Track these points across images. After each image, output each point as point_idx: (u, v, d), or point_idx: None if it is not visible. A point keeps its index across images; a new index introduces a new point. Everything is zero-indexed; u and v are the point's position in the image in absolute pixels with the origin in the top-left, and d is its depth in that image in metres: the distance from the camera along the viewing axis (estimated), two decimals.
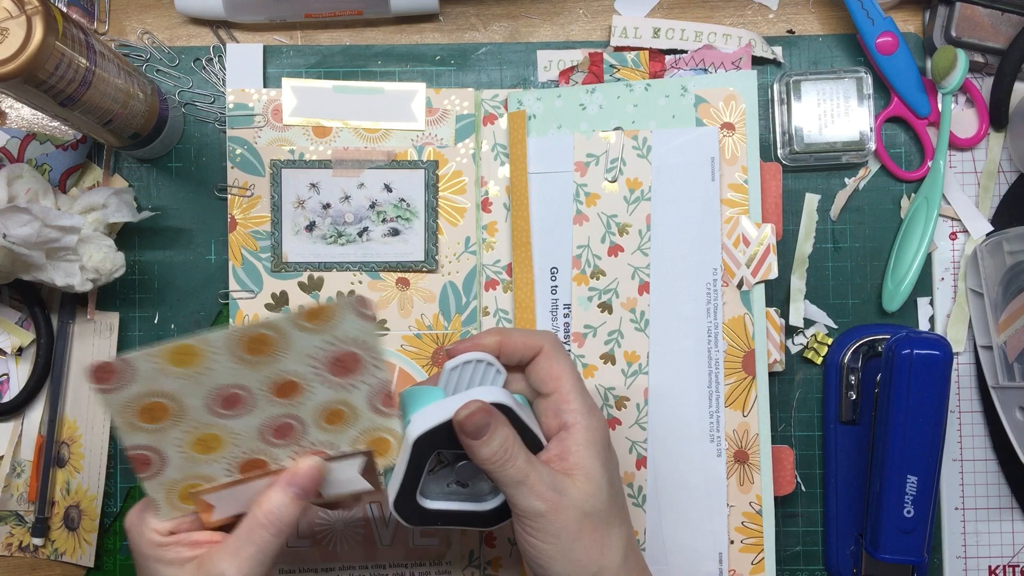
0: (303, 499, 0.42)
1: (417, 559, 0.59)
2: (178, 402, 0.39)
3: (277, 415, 0.41)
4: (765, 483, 0.57)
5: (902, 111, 0.61)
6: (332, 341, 0.38)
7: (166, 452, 0.41)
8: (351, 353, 0.39)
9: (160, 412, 0.39)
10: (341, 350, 0.39)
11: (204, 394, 0.39)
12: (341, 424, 0.42)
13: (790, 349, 0.61)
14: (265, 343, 0.38)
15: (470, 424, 0.41)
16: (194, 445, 0.41)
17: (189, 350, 0.38)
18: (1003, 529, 0.61)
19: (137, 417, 0.39)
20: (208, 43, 0.62)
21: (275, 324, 0.38)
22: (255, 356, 0.38)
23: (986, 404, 0.61)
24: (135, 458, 0.41)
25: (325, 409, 0.41)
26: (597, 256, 0.59)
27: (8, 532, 0.60)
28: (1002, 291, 0.58)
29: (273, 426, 0.41)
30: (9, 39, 0.43)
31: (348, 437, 0.43)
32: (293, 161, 0.59)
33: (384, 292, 0.59)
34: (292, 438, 0.42)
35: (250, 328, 0.38)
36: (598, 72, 0.61)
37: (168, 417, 0.40)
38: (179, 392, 0.39)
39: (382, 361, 0.40)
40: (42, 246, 0.53)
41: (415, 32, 0.63)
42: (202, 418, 0.40)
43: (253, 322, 0.38)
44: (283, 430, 0.42)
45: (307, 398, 0.41)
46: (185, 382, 0.39)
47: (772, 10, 0.62)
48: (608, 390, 0.58)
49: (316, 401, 0.41)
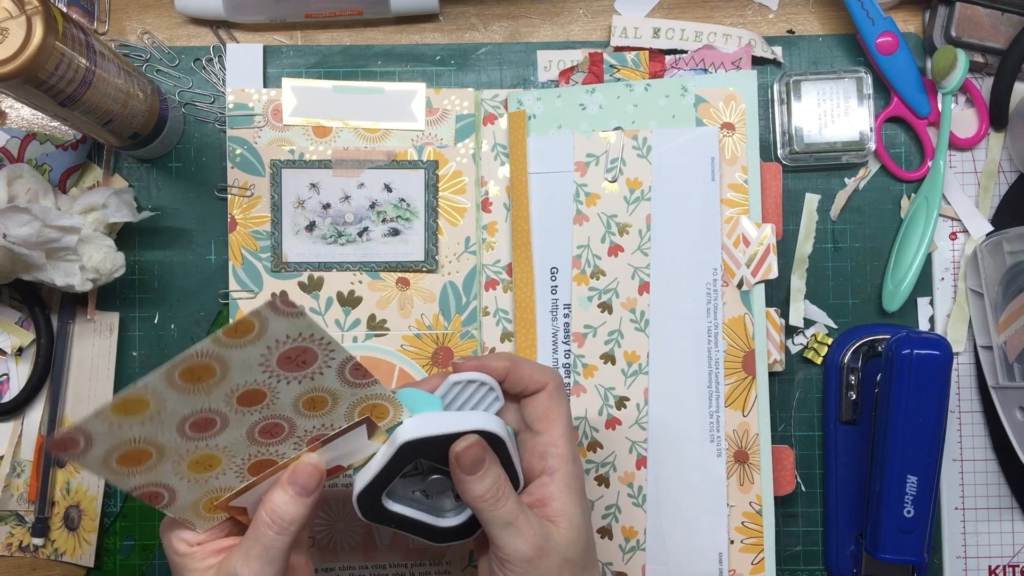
0: (306, 496, 0.42)
1: (417, 559, 0.59)
2: (152, 443, 0.39)
3: (256, 421, 0.41)
4: (765, 483, 0.57)
5: (902, 111, 0.61)
6: (269, 345, 0.38)
7: (168, 483, 0.41)
8: (297, 348, 0.38)
9: (140, 455, 0.39)
10: (284, 350, 0.38)
11: (174, 428, 0.39)
12: (326, 408, 0.42)
13: (790, 349, 0.61)
14: (203, 369, 0.37)
15: (466, 458, 0.41)
16: (192, 468, 0.41)
17: (132, 400, 0.37)
18: (1003, 529, 0.61)
19: (121, 466, 0.39)
20: (208, 43, 0.62)
21: (202, 351, 0.37)
22: (199, 383, 0.38)
23: (986, 404, 0.61)
24: (143, 496, 0.41)
25: (301, 401, 0.41)
26: (597, 256, 0.59)
27: (8, 532, 0.60)
28: (1002, 291, 0.58)
29: (259, 430, 0.41)
30: (9, 39, 0.43)
31: (340, 414, 0.42)
32: (293, 161, 0.59)
33: (384, 292, 0.59)
34: (286, 433, 0.42)
35: (178, 362, 0.37)
36: (598, 72, 0.61)
37: (150, 457, 0.40)
38: (148, 435, 0.39)
39: (333, 341, 0.39)
40: (42, 246, 0.53)
41: (415, 32, 0.63)
42: (184, 447, 0.40)
43: (182, 353, 0.37)
44: (272, 430, 0.41)
45: (277, 398, 0.40)
46: (147, 425, 0.38)
47: (772, 10, 0.62)
48: (608, 390, 0.58)
49: (288, 398, 0.40)
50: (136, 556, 0.61)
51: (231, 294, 0.59)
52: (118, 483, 0.40)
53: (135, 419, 0.38)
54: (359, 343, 0.59)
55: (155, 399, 0.37)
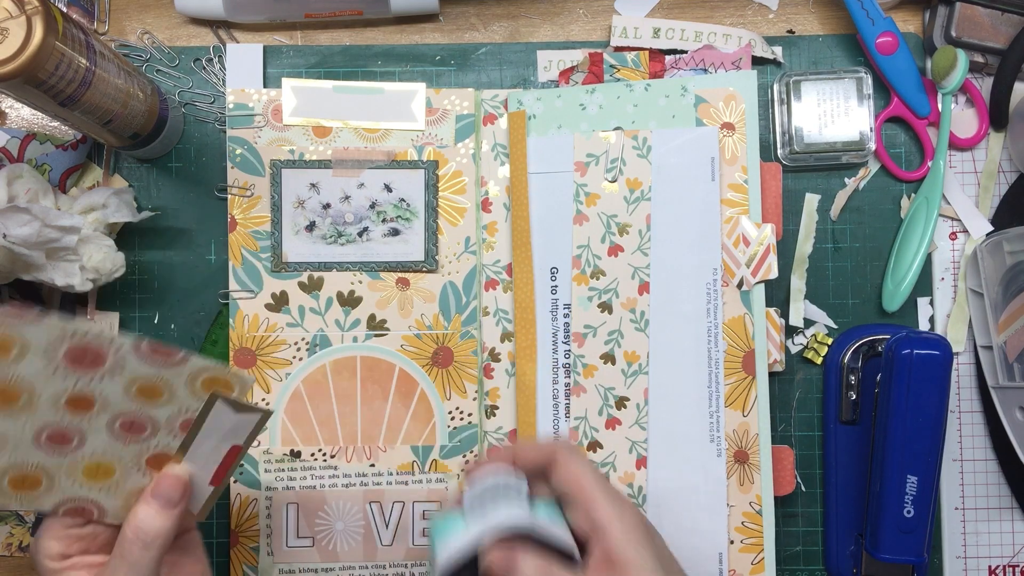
0: (170, 508, 0.42)
1: (417, 559, 0.59)
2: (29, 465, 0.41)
3: (108, 421, 0.42)
4: (765, 483, 0.57)
5: (902, 111, 0.61)
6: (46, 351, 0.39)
7: (81, 495, 0.43)
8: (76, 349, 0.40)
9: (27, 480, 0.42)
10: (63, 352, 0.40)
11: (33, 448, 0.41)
12: (166, 395, 0.42)
13: (790, 349, 0.61)
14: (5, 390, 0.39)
15: (496, 570, 0.41)
16: (90, 477, 0.43)
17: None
18: (1003, 529, 0.61)
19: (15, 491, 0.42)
20: (208, 43, 0.62)
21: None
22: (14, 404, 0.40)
23: (986, 404, 0.61)
24: (71, 512, 0.43)
25: (132, 391, 0.42)
26: (597, 256, 0.59)
27: (8, 532, 0.60)
28: (1002, 291, 0.58)
29: (119, 427, 0.42)
30: (9, 39, 0.43)
31: (185, 396, 0.43)
32: (293, 161, 0.59)
33: (384, 292, 0.59)
34: (151, 427, 0.43)
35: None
36: (598, 72, 0.61)
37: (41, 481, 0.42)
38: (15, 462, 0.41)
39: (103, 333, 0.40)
40: (42, 246, 0.53)
41: (415, 32, 0.63)
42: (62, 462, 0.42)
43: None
44: (132, 427, 0.43)
45: (105, 396, 0.41)
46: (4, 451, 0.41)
47: (772, 10, 0.62)
48: (608, 390, 0.58)
49: (115, 393, 0.41)
50: None
51: (231, 294, 0.59)
52: (27, 506, 0.42)
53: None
54: (359, 343, 0.59)
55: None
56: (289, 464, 0.58)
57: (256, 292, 0.59)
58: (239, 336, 0.58)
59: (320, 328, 0.59)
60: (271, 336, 0.59)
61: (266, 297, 0.59)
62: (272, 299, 0.59)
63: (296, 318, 0.59)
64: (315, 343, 0.59)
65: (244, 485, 0.58)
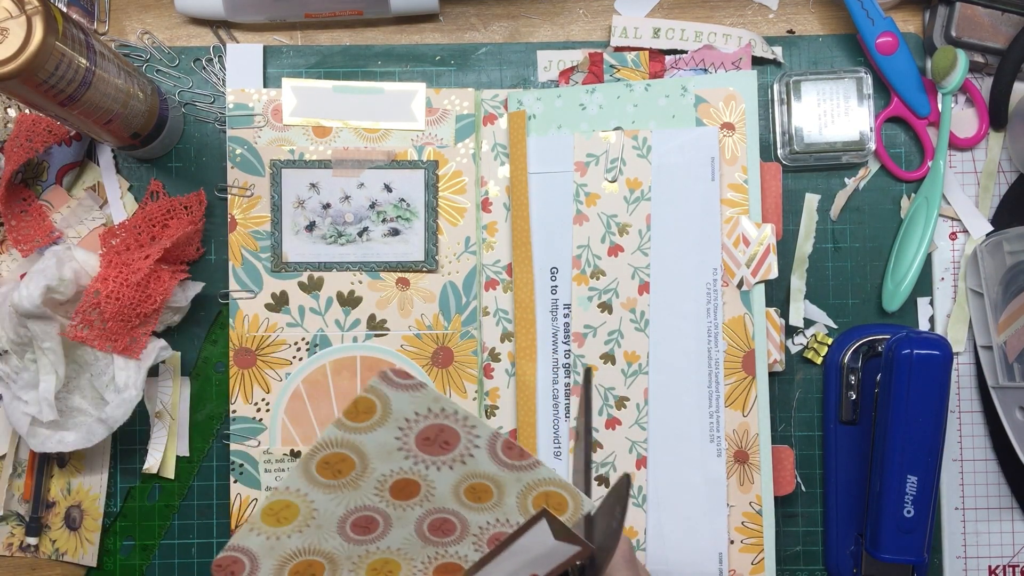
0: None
1: None
2: (320, 552, 0.37)
3: (421, 516, 0.38)
4: (765, 483, 0.57)
5: (902, 111, 0.61)
6: (400, 426, 0.35)
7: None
8: (433, 427, 0.35)
9: (311, 568, 0.37)
10: (419, 429, 0.35)
11: (335, 531, 0.37)
12: (493, 498, 0.38)
13: (790, 349, 0.61)
14: (339, 460, 0.35)
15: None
16: (370, 571, 0.39)
17: (279, 504, 0.35)
18: (1003, 529, 0.61)
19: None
20: (208, 43, 0.62)
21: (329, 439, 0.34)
22: (339, 478, 0.35)
23: (986, 404, 0.61)
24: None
25: (461, 489, 0.38)
26: (597, 256, 0.59)
27: (9, 532, 0.60)
28: (1002, 291, 0.58)
29: (428, 527, 0.38)
30: (9, 39, 0.43)
31: (512, 506, 0.39)
32: (293, 161, 0.59)
33: (384, 292, 0.59)
34: (459, 531, 0.39)
35: (310, 454, 0.34)
36: (598, 72, 0.61)
37: (323, 570, 0.38)
38: (311, 544, 0.37)
39: (471, 416, 0.35)
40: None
41: (415, 32, 0.63)
42: (354, 552, 0.38)
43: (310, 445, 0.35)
44: (442, 527, 0.39)
45: (433, 488, 0.37)
46: (306, 533, 0.36)
47: (772, 10, 0.62)
48: (608, 390, 0.58)
49: (445, 487, 0.37)
50: (136, 556, 0.61)
51: (231, 294, 0.59)
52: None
53: (291, 527, 0.36)
54: (359, 343, 0.59)
55: (302, 501, 0.35)
56: (289, 464, 0.58)
57: (256, 292, 0.59)
58: (239, 336, 0.58)
59: (320, 328, 0.59)
60: (271, 336, 0.59)
61: (266, 297, 0.59)
62: (272, 299, 0.59)
63: (296, 318, 0.59)
64: (315, 343, 0.59)
65: (244, 485, 0.58)
